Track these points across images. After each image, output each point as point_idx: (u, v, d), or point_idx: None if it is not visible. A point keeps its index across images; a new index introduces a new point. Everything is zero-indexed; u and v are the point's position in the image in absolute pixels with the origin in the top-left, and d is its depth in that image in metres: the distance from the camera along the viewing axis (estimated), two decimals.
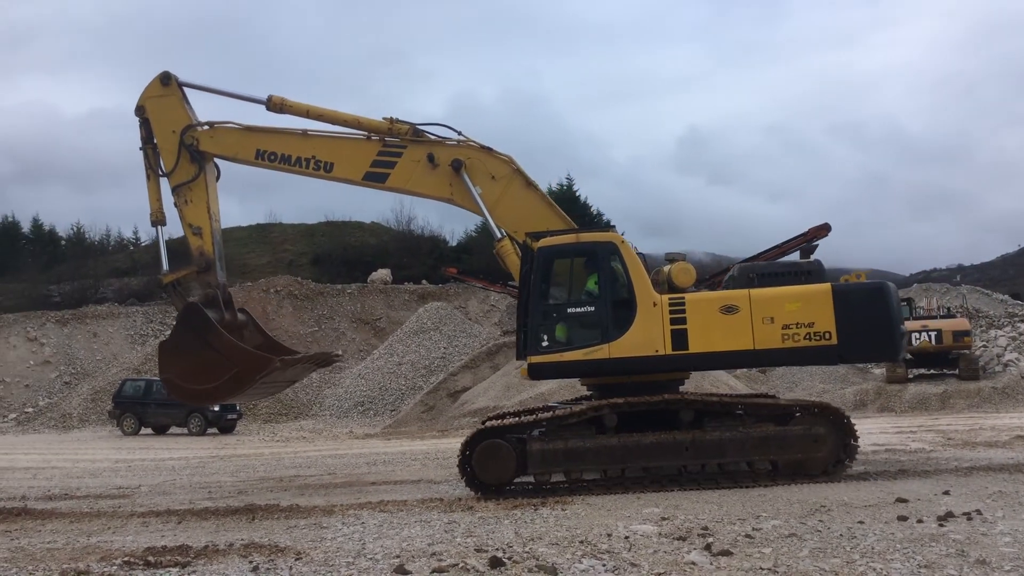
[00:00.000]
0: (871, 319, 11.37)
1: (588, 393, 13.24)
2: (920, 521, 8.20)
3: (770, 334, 11.32)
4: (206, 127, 13.56)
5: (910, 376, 30.88)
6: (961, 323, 30.97)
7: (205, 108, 13.88)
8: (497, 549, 7.56)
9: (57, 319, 44.84)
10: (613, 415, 11.37)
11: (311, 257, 63.36)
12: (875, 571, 6.45)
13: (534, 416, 12.01)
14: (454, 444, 20.98)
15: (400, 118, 13.24)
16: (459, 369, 32.27)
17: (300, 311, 44.47)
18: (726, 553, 7.13)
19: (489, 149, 13.11)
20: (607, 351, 11.46)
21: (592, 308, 11.74)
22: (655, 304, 11.50)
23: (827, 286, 11.48)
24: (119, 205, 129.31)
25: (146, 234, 77.62)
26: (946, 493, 9.70)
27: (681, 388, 12.35)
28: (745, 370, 34.13)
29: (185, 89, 13.71)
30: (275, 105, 13.59)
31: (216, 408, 29.24)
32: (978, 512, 8.48)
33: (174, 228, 14.30)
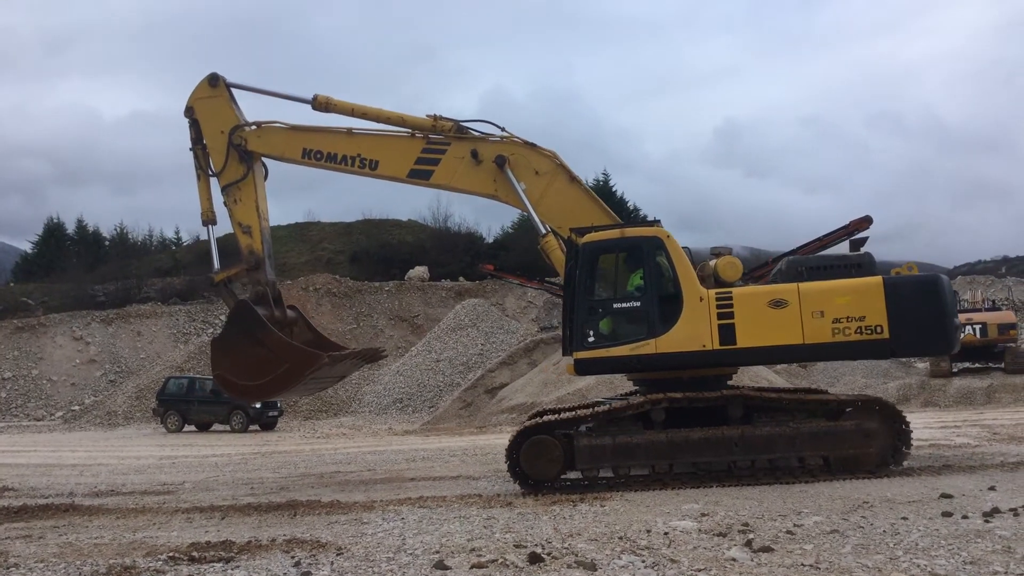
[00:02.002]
0: (924, 312, 11.18)
1: (635, 388, 13.22)
2: (965, 517, 8.07)
3: (820, 328, 11.17)
4: (253, 127, 13.72)
5: (954, 370, 30.37)
6: (1006, 316, 30.38)
7: (251, 108, 14.06)
8: (536, 545, 7.57)
9: (102, 319, 45.68)
10: (661, 410, 11.31)
11: (349, 255, 63.77)
12: (919, 567, 6.36)
13: (588, 411, 11.88)
14: (492, 440, 21.08)
15: (443, 115, 13.29)
16: (497, 366, 32.34)
17: (339, 309, 44.86)
18: (767, 549, 7.07)
19: (533, 145, 13.12)
20: (654, 346, 11.38)
21: (638, 303, 11.65)
22: (702, 299, 11.41)
23: (878, 279, 11.31)
24: (160, 205, 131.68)
25: (188, 233, 78.83)
26: (992, 489, 9.54)
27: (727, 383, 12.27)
28: (786, 364, 33.81)
29: (232, 90, 13.88)
30: (320, 104, 13.69)
31: (258, 405, 29.60)
32: None
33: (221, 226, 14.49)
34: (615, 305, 11.78)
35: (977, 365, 30.74)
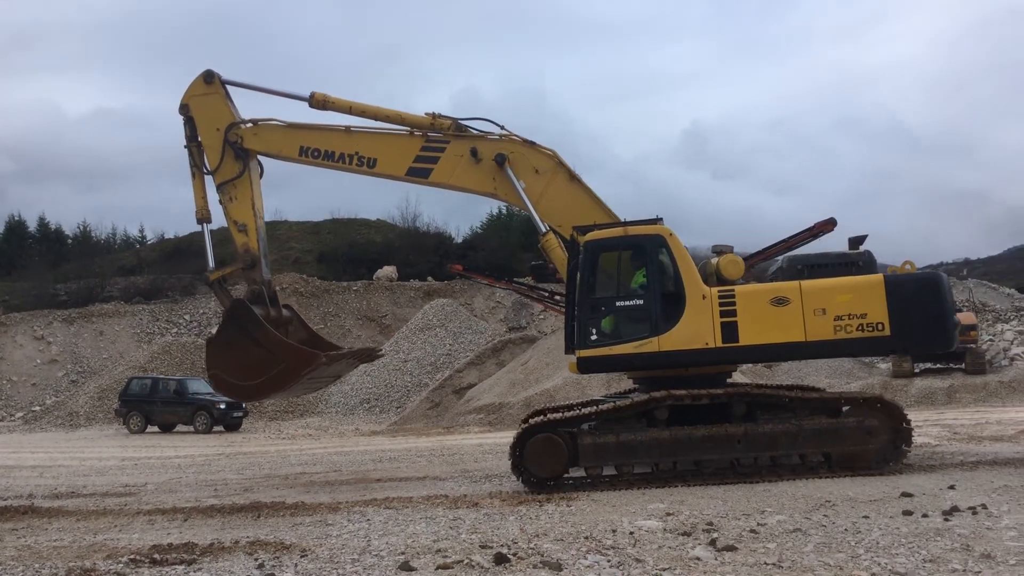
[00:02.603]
0: (925, 310, 11.36)
1: (620, 390, 13.27)
2: (925, 516, 8.19)
3: (822, 326, 11.31)
4: (249, 124, 13.63)
5: (916, 371, 30.84)
6: (968, 317, 30.91)
7: (244, 106, 13.96)
8: (502, 545, 7.57)
9: (64, 318, 44.98)
10: (665, 408, 11.37)
11: (317, 254, 63.30)
12: (880, 565, 6.44)
13: (592, 408, 11.91)
14: (460, 441, 21.06)
15: (441, 113, 13.29)
16: (465, 366, 32.33)
17: (306, 308, 44.53)
18: (731, 548, 7.13)
19: (532, 143, 13.16)
20: (657, 344, 11.46)
21: (641, 301, 11.72)
22: (704, 297, 11.50)
23: (879, 277, 11.47)
24: (124, 203, 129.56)
25: (152, 232, 77.96)
26: (951, 487, 9.69)
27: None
28: (749, 364, 34.16)
29: (227, 87, 13.77)
30: (318, 102, 13.63)
31: (222, 406, 29.38)
32: (983, 506, 8.46)
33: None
34: (618, 303, 11.83)
35: (938, 366, 31.23)
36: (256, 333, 12.77)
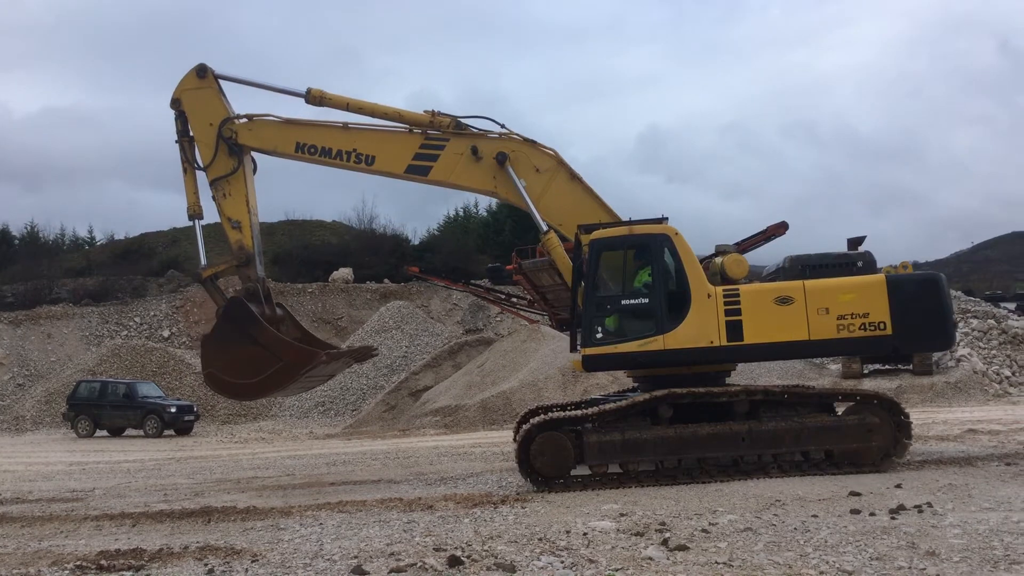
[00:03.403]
0: (925, 309, 11.56)
1: (634, 386, 13.40)
2: (872, 514, 8.33)
3: (825, 325, 11.46)
4: (244, 120, 13.47)
5: (865, 371, 31.35)
6: None
7: (232, 100, 13.81)
8: (456, 548, 7.55)
9: (10, 320, 43.88)
10: (669, 406, 11.44)
11: (271, 256, 62.62)
12: (828, 564, 6.54)
13: (596, 407, 11.93)
14: (415, 443, 20.98)
15: (441, 111, 13.29)
16: (421, 368, 32.20)
17: None
18: (682, 548, 7.19)
19: (533, 142, 13.21)
20: (662, 342, 11.56)
21: (646, 300, 11.80)
22: (709, 296, 11.61)
23: (881, 277, 11.65)
24: (73, 204, 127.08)
25: (101, 233, 76.45)
26: (898, 487, 9.87)
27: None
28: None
29: (221, 82, 13.62)
30: (314, 98, 13.49)
31: (173, 409, 28.97)
32: (929, 505, 8.63)
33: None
34: (624, 302, 11.90)
35: (887, 367, 31.78)
36: (254, 331, 12.65)
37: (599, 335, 11.75)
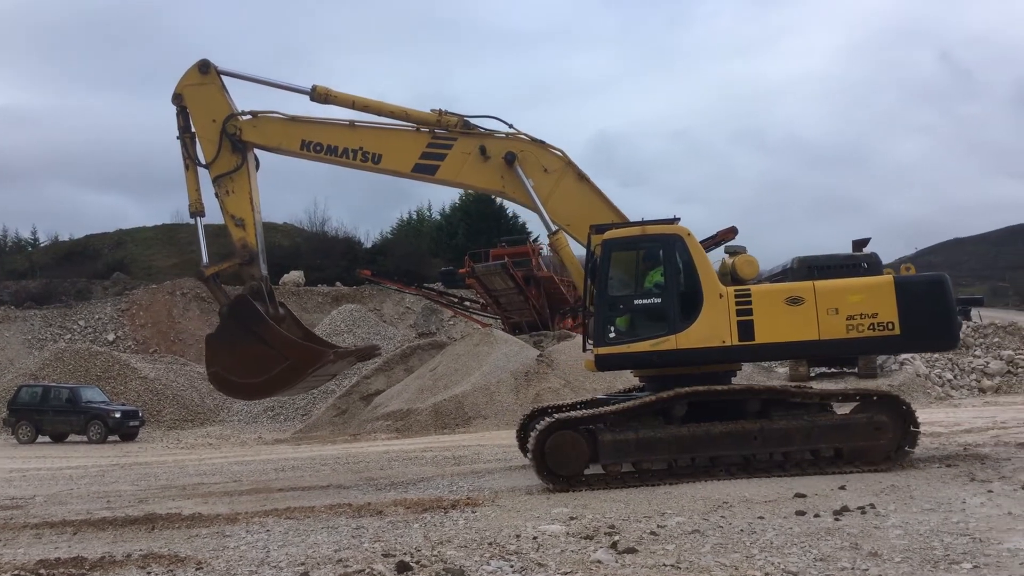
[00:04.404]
0: (932, 310, 11.73)
1: (640, 385, 13.52)
2: (817, 516, 8.46)
3: (835, 325, 11.61)
4: (248, 116, 13.33)
5: (811, 374, 31.86)
6: None
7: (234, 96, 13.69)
8: (405, 553, 7.50)
9: None
10: (683, 405, 11.50)
11: (219, 258, 61.88)
12: (773, 565, 6.63)
13: (611, 406, 11.94)
14: (366, 448, 20.80)
15: (448, 110, 13.28)
16: (372, 372, 31.96)
17: (208, 314, 43.39)
18: (631, 551, 7.23)
19: (542, 142, 13.25)
20: (674, 342, 11.66)
21: (659, 300, 11.91)
22: (721, 296, 11.73)
23: (889, 278, 11.82)
24: (15, 205, 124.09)
25: (45, 235, 74.76)
26: (842, 488, 10.02)
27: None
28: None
29: (223, 78, 13.52)
30: (320, 95, 13.42)
31: (117, 415, 28.43)
32: (872, 506, 8.78)
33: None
34: (636, 301, 12.01)
35: (833, 370, 32.31)
36: (260, 330, 12.55)
37: (612, 335, 11.88)
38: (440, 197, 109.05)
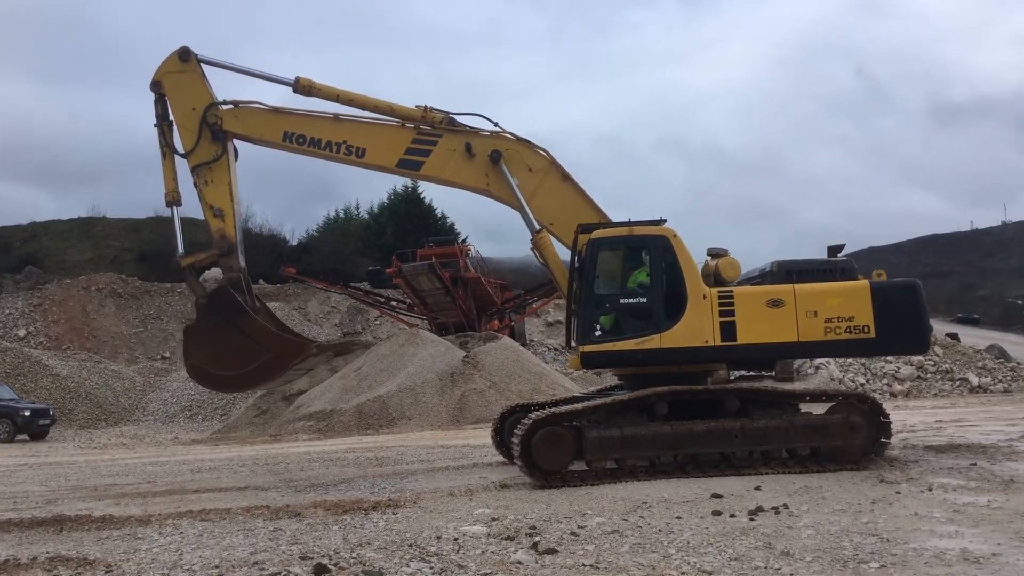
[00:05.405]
0: (906, 315, 12.07)
1: (618, 383, 13.63)
2: (732, 516, 8.63)
3: (814, 327, 11.88)
4: (230, 106, 13.05)
5: (731, 378, 32.53)
6: None
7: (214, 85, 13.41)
8: (323, 556, 7.40)
9: None
10: (664, 403, 11.65)
11: (137, 253, 60.12)
12: (689, 564, 6.74)
13: (597, 403, 12.01)
14: (286, 449, 20.47)
15: (433, 106, 13.18)
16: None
17: (124, 311, 42.21)
18: (551, 551, 7.26)
19: (527, 141, 13.25)
20: (659, 341, 11.81)
21: (645, 299, 12.08)
22: (705, 297, 11.92)
23: (866, 283, 12.12)
24: None
25: None
26: (757, 489, 10.24)
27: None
28: (581, 371, 35.04)
29: (204, 66, 13.23)
30: (303, 87, 13.23)
31: (27, 413, 27.42)
32: (785, 506, 8.99)
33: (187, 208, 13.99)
34: (623, 300, 12.16)
35: (751, 373, 33.08)
36: (241, 322, 12.33)
37: (597, 333, 12.03)
38: (369, 196, 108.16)
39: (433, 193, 63.88)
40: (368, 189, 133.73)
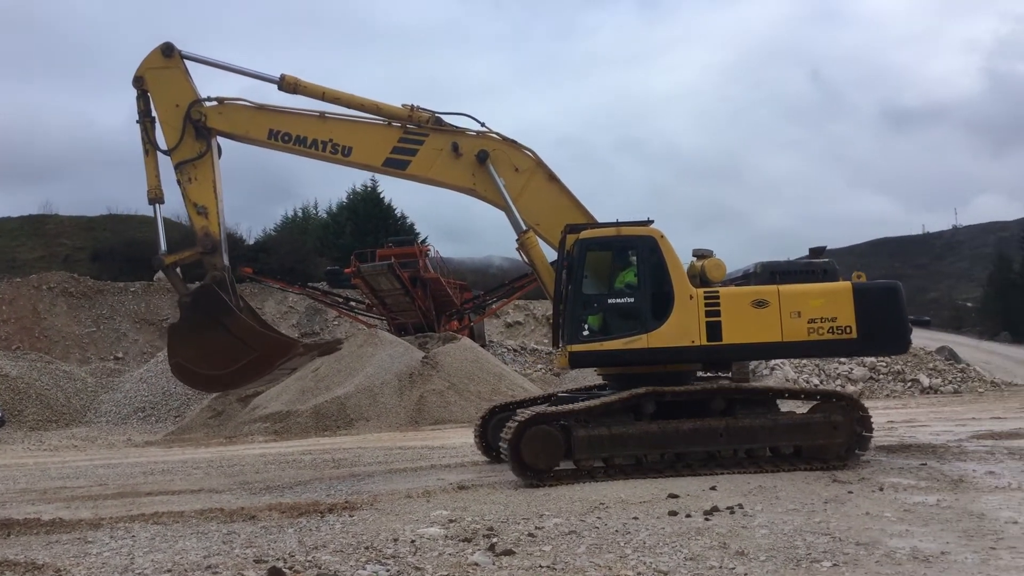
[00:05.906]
0: (886, 316, 12.26)
1: (602, 382, 13.68)
2: (688, 516, 8.71)
3: (797, 327, 12.04)
4: (215, 103, 12.91)
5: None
6: None
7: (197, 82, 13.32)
8: (278, 559, 7.32)
9: None
10: (652, 402, 11.72)
11: (90, 252, 59.01)
12: (645, 564, 6.78)
13: (585, 403, 12.01)
14: (241, 451, 20.22)
15: (420, 105, 13.15)
16: None
17: (76, 310, 41.42)
18: (508, 553, 7.27)
19: (513, 141, 13.24)
20: (646, 341, 11.89)
21: (632, 299, 12.20)
22: (691, 297, 12.04)
23: (849, 284, 12.29)
24: None
25: None
26: (713, 489, 10.33)
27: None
28: (540, 372, 35.11)
29: (187, 62, 13.09)
30: (288, 85, 13.12)
31: None
32: (740, 506, 9.10)
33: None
34: (610, 300, 12.26)
35: (709, 374, 33.40)
36: (227, 320, 12.23)
37: (585, 332, 12.12)
38: (327, 195, 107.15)
39: (392, 193, 63.56)
40: (327, 188, 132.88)
